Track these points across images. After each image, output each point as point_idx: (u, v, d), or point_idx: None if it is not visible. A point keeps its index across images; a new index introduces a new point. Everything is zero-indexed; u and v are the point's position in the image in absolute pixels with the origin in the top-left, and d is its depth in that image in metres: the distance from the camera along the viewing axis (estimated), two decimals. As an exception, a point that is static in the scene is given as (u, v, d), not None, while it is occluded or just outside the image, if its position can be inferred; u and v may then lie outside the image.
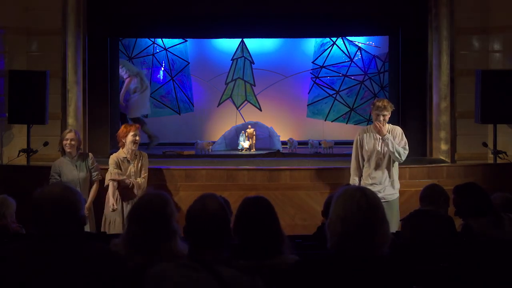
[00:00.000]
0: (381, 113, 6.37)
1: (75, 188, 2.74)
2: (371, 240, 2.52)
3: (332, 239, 2.57)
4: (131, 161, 6.54)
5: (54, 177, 6.70)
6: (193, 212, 2.72)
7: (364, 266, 2.51)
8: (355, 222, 2.52)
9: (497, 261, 3.58)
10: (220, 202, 2.76)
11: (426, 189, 5.06)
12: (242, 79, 11.03)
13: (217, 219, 2.69)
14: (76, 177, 6.64)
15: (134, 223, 3.19)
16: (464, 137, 8.97)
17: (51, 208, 2.57)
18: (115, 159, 6.57)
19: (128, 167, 6.50)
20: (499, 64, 8.81)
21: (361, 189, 2.63)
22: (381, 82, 10.83)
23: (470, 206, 4.50)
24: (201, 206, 2.72)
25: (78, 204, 2.64)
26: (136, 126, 6.66)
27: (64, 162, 6.72)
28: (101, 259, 2.54)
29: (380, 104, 6.37)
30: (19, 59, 8.77)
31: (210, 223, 2.68)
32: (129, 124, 6.71)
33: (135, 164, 6.55)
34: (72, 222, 2.59)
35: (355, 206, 2.54)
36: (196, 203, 2.76)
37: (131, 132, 6.52)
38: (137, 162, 6.58)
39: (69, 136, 6.72)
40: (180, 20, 9.91)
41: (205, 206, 2.72)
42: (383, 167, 6.40)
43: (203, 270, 2.57)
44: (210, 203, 2.73)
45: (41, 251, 2.53)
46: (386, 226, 2.57)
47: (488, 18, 8.90)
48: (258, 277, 2.66)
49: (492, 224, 4.30)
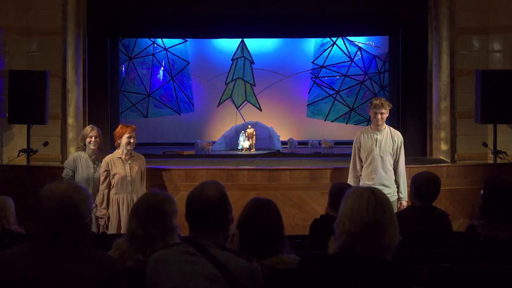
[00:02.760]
0: (378, 111, 6.38)
1: (84, 188, 2.69)
2: (379, 240, 2.51)
3: (340, 238, 2.57)
4: (125, 161, 6.52)
5: (67, 173, 6.60)
6: (191, 197, 2.78)
7: (366, 267, 2.51)
8: (362, 221, 2.52)
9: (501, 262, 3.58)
10: (218, 188, 2.80)
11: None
12: (242, 79, 11.03)
13: (213, 205, 2.73)
14: (92, 176, 6.59)
15: (135, 220, 3.23)
16: (464, 137, 8.97)
17: (54, 207, 2.54)
18: (107, 161, 6.51)
19: (123, 167, 6.49)
20: (499, 64, 8.81)
21: (370, 189, 2.63)
22: (381, 82, 10.83)
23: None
24: (199, 191, 2.78)
25: (83, 204, 2.60)
26: (133, 127, 6.62)
27: (82, 158, 6.65)
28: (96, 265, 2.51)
29: (378, 102, 6.38)
30: (19, 59, 8.77)
31: (205, 208, 2.73)
32: (125, 125, 6.66)
33: (130, 165, 6.53)
34: (74, 222, 2.57)
35: (364, 206, 2.54)
36: (195, 188, 2.82)
37: (126, 134, 6.49)
38: (133, 163, 6.56)
39: (92, 133, 6.65)
40: (180, 20, 9.92)
41: (202, 192, 2.77)
42: (381, 168, 6.40)
43: (198, 253, 2.62)
44: (208, 189, 2.77)
45: (41, 252, 2.52)
46: (394, 227, 2.56)
47: (488, 18, 8.90)
48: (254, 260, 2.67)
49: (496, 225, 4.27)
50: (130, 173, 6.49)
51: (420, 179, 4.63)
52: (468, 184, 7.54)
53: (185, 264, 2.63)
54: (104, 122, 9.49)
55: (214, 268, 2.59)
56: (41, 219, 2.57)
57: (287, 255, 3.24)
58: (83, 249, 2.55)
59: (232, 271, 2.58)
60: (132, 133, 6.54)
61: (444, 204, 7.10)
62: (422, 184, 4.58)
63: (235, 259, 2.62)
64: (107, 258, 2.59)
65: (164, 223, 3.19)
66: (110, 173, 6.44)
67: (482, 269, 3.46)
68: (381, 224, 2.52)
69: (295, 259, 3.18)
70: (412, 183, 4.67)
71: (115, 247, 3.28)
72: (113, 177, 6.43)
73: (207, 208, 2.72)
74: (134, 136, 6.55)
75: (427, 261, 3.66)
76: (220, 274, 2.58)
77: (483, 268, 3.49)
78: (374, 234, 2.51)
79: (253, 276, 2.62)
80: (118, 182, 6.44)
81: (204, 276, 2.59)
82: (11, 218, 5.40)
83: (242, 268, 2.60)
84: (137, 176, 6.54)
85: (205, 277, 2.59)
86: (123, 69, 10.71)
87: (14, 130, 8.73)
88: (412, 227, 4.35)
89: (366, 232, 2.51)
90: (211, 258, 2.60)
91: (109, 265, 2.55)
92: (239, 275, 2.58)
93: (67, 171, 6.62)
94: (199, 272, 2.60)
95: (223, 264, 2.59)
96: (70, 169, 6.60)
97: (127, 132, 6.52)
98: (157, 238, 3.16)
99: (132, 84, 10.82)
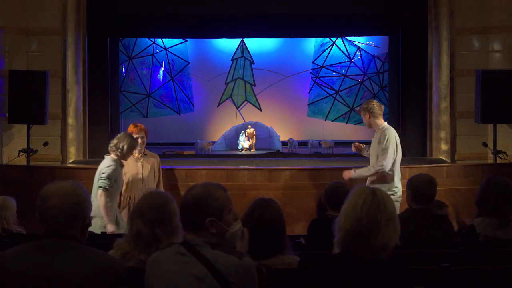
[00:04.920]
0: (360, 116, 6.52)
1: (84, 188, 2.68)
2: (371, 240, 2.52)
3: (338, 235, 2.59)
4: (138, 160, 6.52)
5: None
6: (183, 197, 2.78)
7: (366, 267, 2.52)
8: (356, 219, 2.53)
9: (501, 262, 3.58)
10: (205, 189, 2.75)
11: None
12: (242, 79, 11.03)
13: (191, 206, 2.71)
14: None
15: (136, 220, 3.23)
16: (464, 137, 8.97)
17: (60, 203, 2.52)
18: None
19: (136, 165, 6.48)
20: (499, 64, 8.81)
21: (372, 188, 2.64)
22: (381, 82, 10.83)
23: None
24: (188, 191, 2.77)
25: (88, 203, 2.61)
26: (142, 126, 6.63)
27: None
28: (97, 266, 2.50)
29: (357, 109, 6.49)
30: (19, 59, 8.77)
31: (185, 208, 2.73)
32: (136, 124, 6.67)
33: (142, 163, 6.53)
34: (79, 220, 2.56)
35: (359, 204, 2.55)
36: (188, 189, 2.82)
37: (138, 134, 6.51)
38: (145, 161, 6.56)
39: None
40: (180, 20, 9.92)
41: (188, 191, 2.76)
42: None
43: (189, 253, 2.63)
44: (193, 190, 2.76)
45: (41, 252, 2.52)
46: (392, 228, 2.56)
47: (488, 18, 8.90)
48: (247, 256, 2.66)
49: (496, 225, 4.27)
50: (142, 171, 6.49)
51: (416, 182, 4.59)
52: (468, 184, 7.53)
53: (176, 265, 2.63)
54: (104, 122, 9.49)
55: (203, 267, 2.59)
56: (43, 218, 2.55)
57: (287, 255, 3.24)
58: (83, 249, 2.55)
59: (221, 269, 2.58)
60: (141, 133, 6.55)
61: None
62: (418, 187, 4.55)
63: (224, 257, 2.61)
64: (107, 258, 2.59)
65: (170, 223, 3.20)
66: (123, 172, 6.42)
67: (482, 269, 3.46)
68: (374, 223, 2.52)
69: (295, 259, 3.18)
70: (408, 186, 4.63)
71: (116, 247, 3.28)
72: (125, 175, 6.40)
73: (187, 210, 2.72)
74: (143, 135, 6.57)
75: (427, 261, 3.66)
76: (209, 273, 2.58)
77: (483, 268, 3.49)
78: (366, 233, 2.52)
79: (245, 272, 2.61)
80: (130, 181, 6.43)
81: (193, 276, 2.59)
82: (12, 218, 5.41)
83: (232, 265, 2.59)
84: (149, 174, 6.53)
85: (194, 277, 2.59)
86: (123, 69, 10.71)
87: (14, 130, 8.73)
88: (412, 230, 4.33)
89: (358, 230, 2.52)
90: (201, 257, 2.61)
91: (109, 265, 2.54)
92: (229, 273, 2.58)
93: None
94: (189, 272, 2.60)
95: (212, 263, 2.59)
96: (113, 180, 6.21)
97: (139, 132, 6.54)
98: (163, 237, 3.17)
99: (132, 84, 10.82)
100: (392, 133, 6.20)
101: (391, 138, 6.15)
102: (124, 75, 10.71)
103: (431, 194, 4.59)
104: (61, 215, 2.53)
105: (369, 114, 6.28)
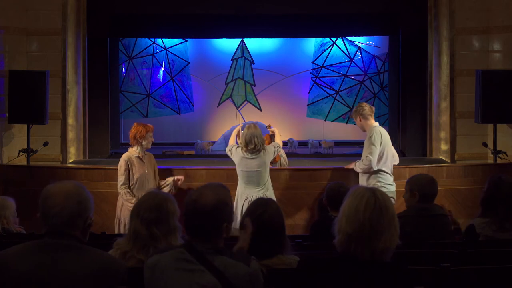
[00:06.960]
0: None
1: (86, 188, 2.67)
2: (373, 243, 2.50)
3: (337, 237, 2.56)
4: (144, 159, 6.51)
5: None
6: (187, 204, 2.69)
7: (366, 267, 2.51)
8: (358, 223, 2.50)
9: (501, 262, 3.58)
10: (216, 193, 2.68)
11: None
12: (242, 79, 11.04)
13: (208, 214, 2.63)
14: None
15: (134, 220, 3.23)
16: (464, 137, 8.96)
17: (63, 202, 2.52)
18: (126, 159, 6.45)
19: (142, 165, 6.47)
20: (499, 64, 8.80)
21: (372, 190, 2.59)
22: (381, 82, 10.84)
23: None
24: (195, 197, 2.67)
25: (90, 203, 2.60)
26: (150, 126, 6.61)
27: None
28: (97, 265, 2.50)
29: (350, 114, 6.58)
30: (19, 59, 8.77)
31: (201, 217, 2.63)
32: (145, 124, 6.62)
33: (145, 163, 6.54)
34: (81, 220, 2.56)
35: (361, 207, 2.51)
36: (193, 193, 2.72)
37: (150, 133, 6.49)
38: (146, 160, 6.56)
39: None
40: (180, 20, 9.93)
41: (198, 199, 2.66)
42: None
43: (195, 261, 2.56)
44: (205, 196, 2.66)
45: (41, 251, 2.52)
46: (393, 230, 2.52)
47: (488, 18, 8.90)
48: (254, 260, 2.62)
49: (496, 225, 4.27)
50: (147, 170, 6.50)
51: (422, 181, 4.59)
52: (468, 184, 7.53)
53: (182, 273, 2.56)
54: (104, 122, 9.49)
55: (212, 276, 2.52)
56: (45, 217, 2.55)
57: (287, 255, 3.24)
58: (84, 249, 2.54)
59: (231, 278, 2.52)
60: (152, 131, 6.56)
61: (444, 204, 7.08)
62: (425, 186, 4.56)
63: (233, 265, 2.55)
64: (107, 258, 2.59)
65: (168, 223, 3.19)
66: (130, 173, 6.40)
67: (482, 269, 3.46)
68: (377, 228, 2.48)
69: (295, 259, 3.18)
70: (413, 187, 4.61)
71: (116, 246, 3.28)
72: (133, 176, 6.39)
73: (203, 217, 2.63)
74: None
75: (427, 261, 3.65)
76: (218, 283, 2.51)
77: (483, 268, 3.49)
78: (368, 237, 2.49)
79: (253, 279, 2.57)
80: (138, 181, 6.41)
81: (201, 286, 2.52)
82: (11, 217, 5.40)
83: (241, 273, 2.54)
84: (151, 173, 6.54)
85: (202, 286, 2.52)
86: (123, 69, 10.72)
87: (14, 130, 8.72)
88: (413, 230, 4.33)
89: (360, 234, 2.48)
90: (209, 265, 2.54)
91: (109, 264, 2.54)
92: (238, 282, 2.52)
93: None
94: (196, 282, 2.53)
95: (221, 271, 2.53)
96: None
97: (151, 131, 6.52)
98: (161, 237, 3.17)
99: (132, 84, 10.83)
100: (379, 131, 6.32)
101: (376, 135, 6.27)
102: (124, 75, 10.72)
103: (436, 193, 4.62)
104: (63, 214, 2.52)
105: (359, 116, 6.39)
